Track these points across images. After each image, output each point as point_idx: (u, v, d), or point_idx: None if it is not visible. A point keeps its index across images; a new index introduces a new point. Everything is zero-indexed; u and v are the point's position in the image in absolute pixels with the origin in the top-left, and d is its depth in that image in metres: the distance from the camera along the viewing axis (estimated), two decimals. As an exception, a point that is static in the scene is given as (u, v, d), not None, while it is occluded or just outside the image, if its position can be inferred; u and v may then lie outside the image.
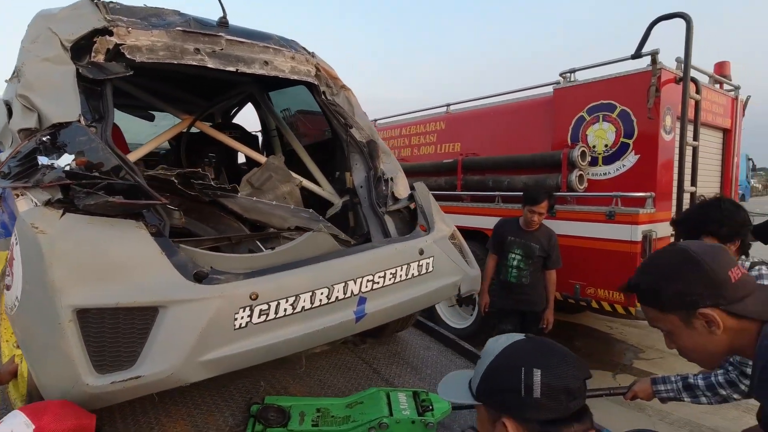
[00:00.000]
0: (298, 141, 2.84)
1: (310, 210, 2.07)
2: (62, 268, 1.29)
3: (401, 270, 1.84)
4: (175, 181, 1.80)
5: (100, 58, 1.68)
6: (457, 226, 4.67)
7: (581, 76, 3.88)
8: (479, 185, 4.55)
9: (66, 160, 1.39)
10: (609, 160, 3.63)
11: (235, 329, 1.44)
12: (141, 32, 1.73)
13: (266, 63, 2.03)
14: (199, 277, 1.46)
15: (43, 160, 1.39)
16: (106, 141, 1.54)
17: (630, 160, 3.51)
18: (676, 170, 3.46)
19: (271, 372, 2.18)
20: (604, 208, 3.44)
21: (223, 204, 1.96)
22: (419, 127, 5.61)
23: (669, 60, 3.40)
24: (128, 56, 1.70)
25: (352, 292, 1.67)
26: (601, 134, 3.68)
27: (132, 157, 2.17)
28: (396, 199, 2.20)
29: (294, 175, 2.56)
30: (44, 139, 1.44)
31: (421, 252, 1.94)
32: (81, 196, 1.34)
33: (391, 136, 6.07)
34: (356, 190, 2.26)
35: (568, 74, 3.93)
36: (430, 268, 1.96)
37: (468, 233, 4.56)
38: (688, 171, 3.50)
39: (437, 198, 4.89)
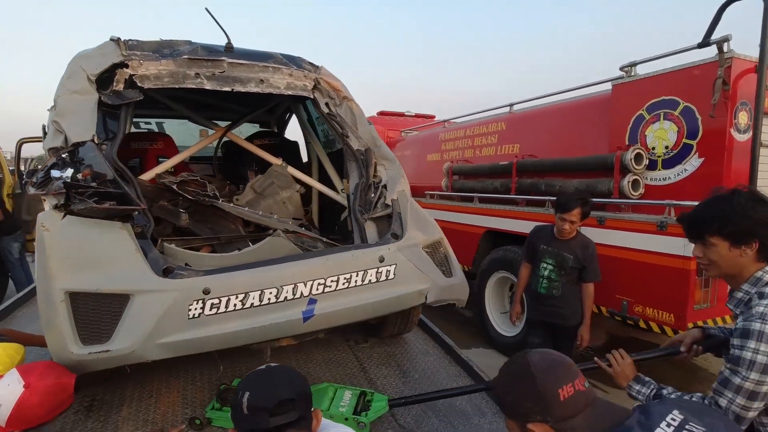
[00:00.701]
0: (323, 148, 3.04)
1: (275, 216, 2.25)
2: (58, 258, 1.65)
3: (357, 276, 1.92)
4: (175, 187, 2.11)
5: (120, 87, 2.04)
6: (511, 232, 4.54)
7: (643, 71, 3.47)
8: (532, 188, 4.34)
9: (69, 173, 1.75)
10: (669, 163, 3.22)
11: (188, 318, 1.68)
12: (151, 63, 2.06)
13: (262, 81, 2.25)
14: (167, 272, 1.72)
15: (55, 172, 1.77)
16: (111, 156, 1.89)
17: (693, 163, 3.08)
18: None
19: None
20: (656, 217, 3.07)
21: (222, 208, 2.23)
22: (482, 127, 5.49)
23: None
24: (139, 84, 2.04)
25: (301, 293, 1.81)
26: (662, 134, 3.28)
27: (169, 164, 2.55)
28: (387, 206, 2.27)
29: (309, 179, 2.76)
30: (63, 155, 1.82)
31: (382, 259, 1.99)
32: (76, 201, 1.68)
33: (456, 137, 6.03)
34: (349, 196, 2.38)
35: (629, 68, 3.55)
36: (391, 276, 2.01)
37: (522, 239, 4.38)
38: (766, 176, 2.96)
39: (493, 201, 4.79)
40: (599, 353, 2.55)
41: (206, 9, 2.12)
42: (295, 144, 3.60)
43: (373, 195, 2.31)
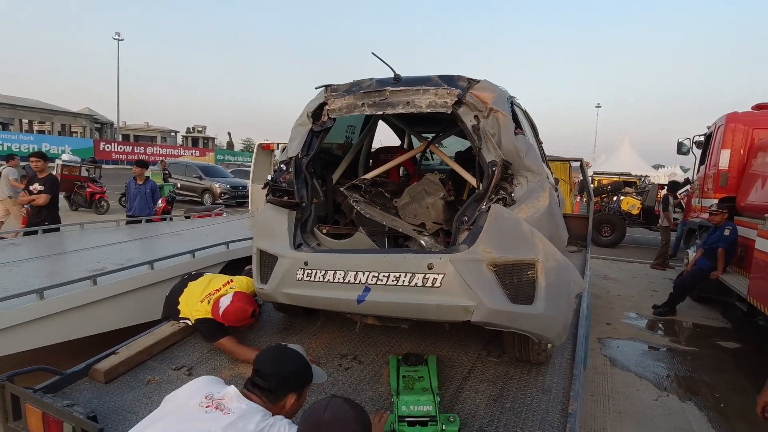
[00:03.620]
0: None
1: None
2: (256, 228, 2.74)
3: (404, 276, 2.06)
4: (342, 189, 2.87)
5: (325, 118, 2.97)
6: None
7: None
8: None
9: (276, 176, 2.80)
10: None
11: (296, 280, 2.41)
12: (337, 100, 2.84)
13: (408, 103, 2.62)
14: (298, 247, 2.52)
15: (269, 177, 2.86)
16: (303, 165, 2.82)
17: None
18: None
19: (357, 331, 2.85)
20: None
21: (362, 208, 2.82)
22: None
23: None
24: (330, 116, 2.89)
25: (360, 280, 2.17)
26: None
27: (375, 171, 3.35)
28: (475, 218, 2.24)
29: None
30: (282, 166, 2.91)
31: (431, 266, 2.01)
32: (269, 194, 2.72)
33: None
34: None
35: None
36: (437, 284, 1.99)
37: None
38: None
39: None
40: None
41: (372, 53, 2.73)
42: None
43: (483, 206, 2.29)
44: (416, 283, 2.08)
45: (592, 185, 15.66)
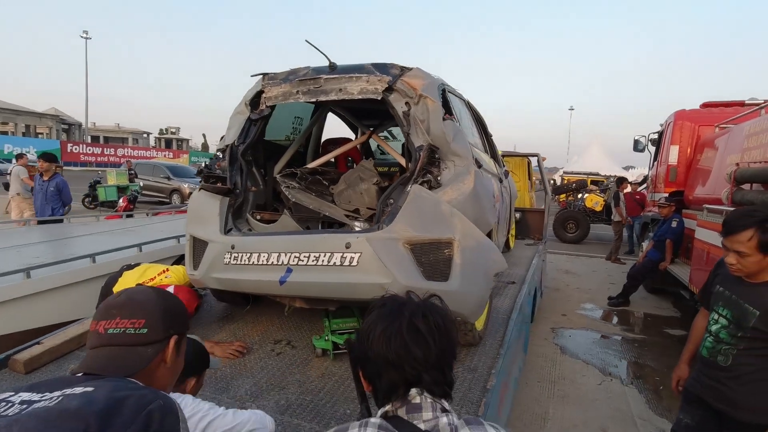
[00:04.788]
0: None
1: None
2: (190, 215, 2.71)
3: (323, 256, 2.07)
4: (276, 177, 2.87)
5: (262, 107, 2.96)
6: None
7: None
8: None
9: (210, 163, 2.78)
10: None
11: (224, 264, 2.39)
12: (274, 88, 2.85)
13: (340, 90, 2.64)
14: (228, 231, 2.50)
15: (205, 163, 2.84)
16: (239, 153, 2.81)
17: None
18: None
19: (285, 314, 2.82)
20: None
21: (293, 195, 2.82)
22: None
23: None
24: (266, 104, 2.88)
25: (282, 261, 2.17)
26: None
27: (317, 162, 3.35)
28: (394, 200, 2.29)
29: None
30: (218, 153, 2.89)
31: (348, 245, 2.04)
32: (203, 181, 2.70)
33: (764, 129, 4.20)
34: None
35: None
36: (354, 263, 2.01)
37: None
38: None
39: None
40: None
41: (306, 40, 2.73)
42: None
43: (409, 188, 2.32)
44: (335, 263, 2.10)
45: (559, 183, 16.03)
